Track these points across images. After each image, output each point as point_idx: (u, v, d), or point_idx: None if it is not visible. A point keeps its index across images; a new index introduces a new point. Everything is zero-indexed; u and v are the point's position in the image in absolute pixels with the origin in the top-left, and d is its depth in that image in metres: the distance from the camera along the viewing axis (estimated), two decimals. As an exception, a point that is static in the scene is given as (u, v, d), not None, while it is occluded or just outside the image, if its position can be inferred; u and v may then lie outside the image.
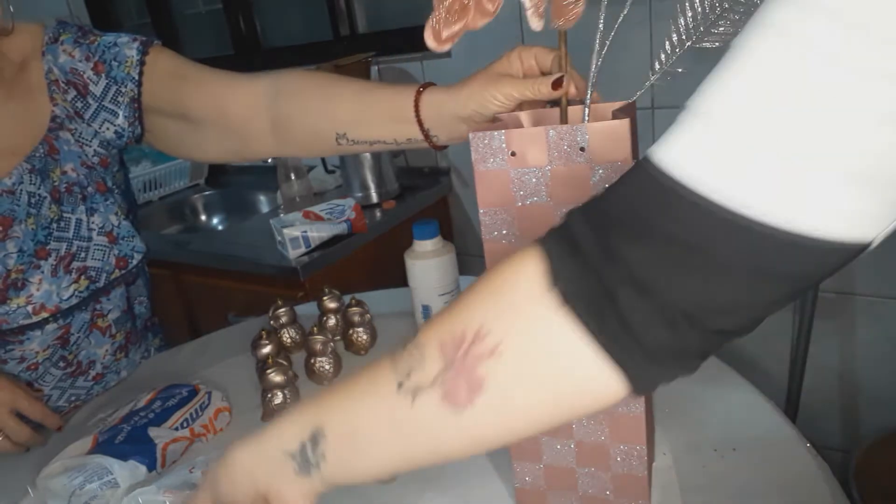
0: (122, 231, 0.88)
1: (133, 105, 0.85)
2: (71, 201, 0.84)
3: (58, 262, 0.83)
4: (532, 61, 0.60)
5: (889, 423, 1.40)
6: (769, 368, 1.52)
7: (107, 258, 0.86)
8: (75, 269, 0.84)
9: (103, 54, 0.84)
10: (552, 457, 0.59)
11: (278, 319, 0.98)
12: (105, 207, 0.87)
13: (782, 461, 0.63)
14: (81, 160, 0.85)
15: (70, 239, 0.84)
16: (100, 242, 0.86)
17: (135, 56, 0.84)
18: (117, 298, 0.92)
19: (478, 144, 0.50)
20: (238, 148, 0.84)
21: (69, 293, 0.84)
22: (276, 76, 0.79)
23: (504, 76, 0.60)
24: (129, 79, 0.84)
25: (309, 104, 0.74)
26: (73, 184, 0.84)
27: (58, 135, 0.84)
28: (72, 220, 0.84)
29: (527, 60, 0.60)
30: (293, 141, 0.78)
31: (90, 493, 0.68)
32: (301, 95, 0.75)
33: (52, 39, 0.83)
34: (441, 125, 0.65)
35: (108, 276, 0.87)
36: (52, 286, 0.82)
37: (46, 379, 0.89)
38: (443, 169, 1.78)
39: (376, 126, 0.69)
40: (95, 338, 0.91)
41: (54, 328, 0.85)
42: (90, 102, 0.84)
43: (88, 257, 0.85)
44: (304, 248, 1.37)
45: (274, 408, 0.81)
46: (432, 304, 0.83)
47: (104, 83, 0.84)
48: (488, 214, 0.52)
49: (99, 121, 0.85)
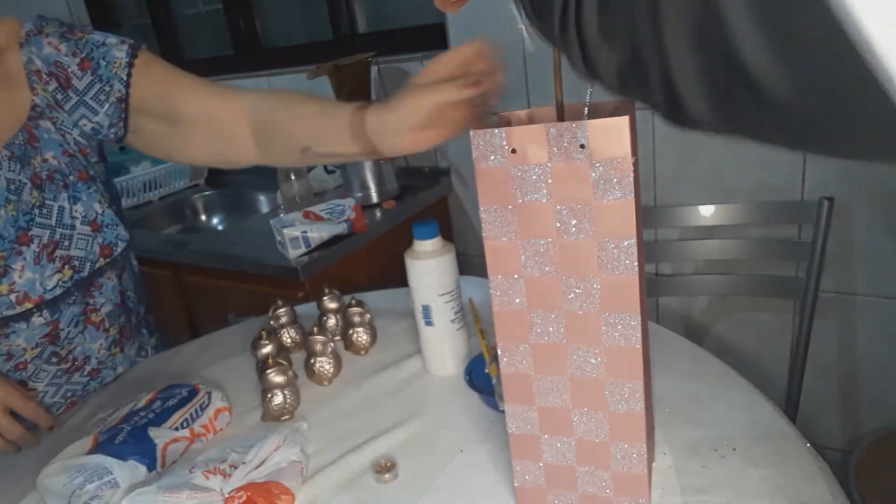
0: (105, 219, 0.89)
1: (120, 105, 0.86)
2: (53, 189, 0.85)
3: (41, 249, 0.84)
4: (444, 66, 0.64)
5: (889, 423, 1.40)
6: (769, 368, 1.52)
7: (90, 247, 0.88)
8: (59, 257, 0.85)
9: (91, 52, 0.85)
10: (552, 455, 0.59)
11: (278, 319, 0.98)
12: (88, 196, 0.88)
13: (782, 461, 0.63)
14: (63, 148, 0.87)
15: (53, 226, 0.85)
16: (83, 232, 0.87)
17: (124, 58, 0.86)
18: (109, 292, 0.93)
19: (478, 142, 0.50)
20: (222, 150, 0.87)
21: (53, 283, 0.84)
22: (258, 92, 0.86)
23: (419, 86, 0.64)
24: (116, 79, 0.85)
25: (282, 122, 0.80)
26: (55, 171, 0.86)
27: (38, 123, 0.85)
28: (54, 207, 0.85)
29: (440, 67, 0.64)
30: (272, 152, 0.84)
31: (90, 493, 0.68)
32: (276, 112, 0.81)
33: (35, 31, 0.84)
34: (384, 138, 0.69)
35: (93, 265, 0.88)
36: (36, 274, 0.83)
37: (40, 376, 0.90)
38: (443, 169, 1.78)
39: (336, 142, 0.74)
40: (90, 333, 0.92)
41: (41, 323, 0.86)
42: (71, 95, 0.86)
43: (72, 246, 0.86)
44: (304, 248, 1.37)
45: (274, 408, 0.81)
46: (432, 304, 0.83)
47: (89, 79, 0.85)
48: (488, 212, 0.52)
49: (77, 115, 0.87)
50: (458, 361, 0.86)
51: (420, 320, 0.85)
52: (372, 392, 0.86)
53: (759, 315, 1.50)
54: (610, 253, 0.50)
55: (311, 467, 0.72)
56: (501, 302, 0.55)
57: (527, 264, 0.52)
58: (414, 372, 0.89)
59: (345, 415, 0.82)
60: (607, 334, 0.52)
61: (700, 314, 1.57)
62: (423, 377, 0.88)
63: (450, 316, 0.84)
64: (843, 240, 1.32)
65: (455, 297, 0.84)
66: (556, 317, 0.53)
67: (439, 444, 0.73)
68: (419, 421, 0.78)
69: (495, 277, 0.54)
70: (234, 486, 0.64)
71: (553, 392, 0.56)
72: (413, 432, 0.76)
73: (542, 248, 0.51)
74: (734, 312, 1.53)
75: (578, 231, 0.50)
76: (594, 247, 0.50)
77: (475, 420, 0.76)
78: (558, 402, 0.56)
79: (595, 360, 0.53)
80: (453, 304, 0.84)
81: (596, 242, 0.50)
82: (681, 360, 0.81)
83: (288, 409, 0.82)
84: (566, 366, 0.54)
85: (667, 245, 1.37)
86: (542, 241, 0.51)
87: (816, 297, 1.18)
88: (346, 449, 0.74)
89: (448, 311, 0.84)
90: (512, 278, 0.53)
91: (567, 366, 0.54)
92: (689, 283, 1.37)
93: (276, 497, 0.64)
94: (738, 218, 1.29)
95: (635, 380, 0.53)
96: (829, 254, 1.18)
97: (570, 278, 0.51)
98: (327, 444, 0.76)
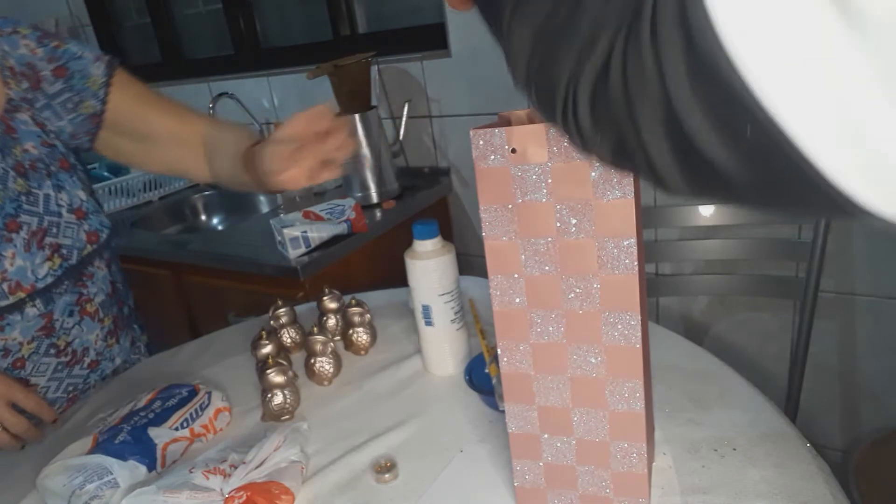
0: (89, 206, 0.92)
1: (93, 120, 0.90)
2: (37, 177, 0.86)
3: (30, 236, 0.85)
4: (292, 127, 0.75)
5: (889, 423, 1.40)
6: (769, 368, 1.52)
7: (77, 234, 0.90)
8: (48, 245, 0.86)
9: (68, 62, 0.87)
10: (552, 455, 0.59)
11: (278, 319, 0.98)
12: (71, 184, 0.90)
13: (782, 461, 0.63)
14: (42, 139, 0.88)
15: (41, 213, 0.86)
16: (69, 220, 0.89)
17: (101, 77, 0.89)
18: (100, 281, 0.94)
19: (478, 142, 0.50)
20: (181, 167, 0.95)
21: (44, 271, 0.85)
22: (205, 115, 0.97)
23: (273, 141, 0.77)
24: (91, 95, 0.89)
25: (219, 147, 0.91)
26: (37, 160, 0.87)
27: (14, 116, 0.86)
28: (40, 195, 0.86)
29: (288, 127, 0.76)
30: (217, 174, 0.93)
31: (90, 493, 0.68)
32: (214, 137, 0.92)
33: (9, 31, 0.85)
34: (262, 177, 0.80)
35: (80, 252, 0.90)
36: (27, 262, 0.84)
37: (40, 369, 0.90)
38: (443, 169, 1.78)
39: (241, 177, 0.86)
40: (86, 324, 0.93)
41: (35, 314, 0.86)
42: (39, 97, 0.87)
43: (60, 234, 0.88)
44: (304, 248, 1.37)
45: (274, 408, 0.81)
46: (432, 304, 0.83)
47: (60, 87, 0.87)
48: (489, 212, 0.52)
49: (44, 116, 0.88)
50: (458, 361, 0.86)
51: (420, 320, 0.85)
52: (372, 392, 0.86)
53: (759, 315, 1.50)
54: (610, 252, 0.50)
55: (311, 467, 0.72)
56: (501, 302, 0.55)
57: (527, 264, 0.52)
58: (414, 372, 0.89)
59: (345, 415, 0.82)
60: (607, 334, 0.52)
61: (700, 314, 1.57)
62: (422, 377, 0.88)
63: (450, 316, 0.84)
64: (843, 240, 1.32)
65: (455, 297, 0.84)
66: (556, 316, 0.53)
67: (439, 444, 0.73)
68: (419, 421, 0.78)
69: (495, 277, 0.54)
70: (234, 486, 0.64)
71: (553, 391, 0.56)
72: (413, 432, 0.76)
73: (542, 247, 0.51)
74: (734, 312, 1.53)
75: (578, 231, 0.50)
76: (594, 246, 0.50)
77: (475, 420, 0.76)
78: (558, 402, 0.56)
79: (595, 359, 0.53)
80: (453, 304, 0.84)
81: (596, 242, 0.50)
82: (681, 360, 0.81)
83: (288, 409, 0.82)
84: (566, 365, 0.54)
85: (667, 245, 1.37)
86: (542, 241, 0.51)
87: (816, 297, 1.18)
88: (346, 449, 0.74)
89: (448, 311, 0.84)
90: (512, 278, 0.53)
91: (567, 365, 0.54)
92: (689, 283, 1.37)
93: (276, 497, 0.64)
94: (738, 218, 1.29)
95: (635, 379, 0.53)
96: (829, 254, 1.18)
97: (570, 278, 0.51)
98: (327, 444, 0.76)
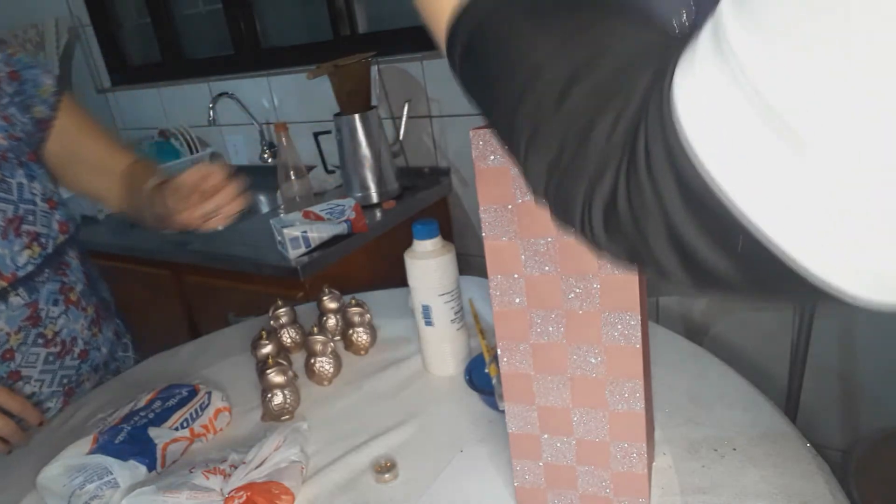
0: (59, 197, 0.94)
1: (41, 126, 0.92)
2: (9, 167, 0.87)
3: (6, 223, 0.85)
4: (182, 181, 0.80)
5: (889, 423, 1.40)
6: (769, 368, 1.52)
7: (51, 224, 0.91)
8: (25, 232, 0.87)
9: (21, 69, 0.90)
10: (552, 455, 0.59)
11: (278, 319, 0.99)
12: (42, 175, 0.92)
13: (782, 461, 0.63)
14: (8, 132, 0.88)
15: (15, 202, 0.87)
16: (43, 208, 0.90)
17: (52, 86, 0.93)
18: (77, 271, 0.96)
19: (478, 142, 0.50)
20: (101, 195, 0.99)
21: (24, 259, 0.87)
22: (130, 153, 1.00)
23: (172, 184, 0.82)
24: (43, 102, 0.92)
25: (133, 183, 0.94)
26: (6, 151, 0.87)
27: None
28: (13, 183, 0.87)
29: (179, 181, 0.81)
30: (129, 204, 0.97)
31: (90, 493, 0.68)
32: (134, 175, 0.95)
33: None
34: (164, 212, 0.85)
35: (55, 241, 0.92)
36: (5, 249, 0.85)
37: (30, 360, 0.90)
38: (443, 169, 1.78)
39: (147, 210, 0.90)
40: (72, 313, 0.94)
41: (20, 304, 0.87)
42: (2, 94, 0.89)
43: (36, 222, 0.89)
44: (304, 248, 1.37)
45: (274, 408, 0.81)
46: (432, 304, 0.83)
47: (16, 89, 0.90)
48: (489, 212, 0.52)
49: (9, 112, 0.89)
50: (458, 361, 0.86)
51: (420, 320, 0.85)
52: (372, 392, 0.86)
53: (759, 315, 1.50)
54: (610, 253, 0.50)
55: (311, 467, 0.72)
56: (501, 302, 0.55)
57: (527, 264, 0.52)
58: (414, 372, 0.89)
59: (345, 415, 0.82)
60: (607, 334, 0.52)
61: (700, 314, 1.57)
62: (423, 377, 0.88)
63: (450, 316, 0.84)
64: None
65: (455, 297, 0.84)
66: (556, 316, 0.53)
67: (439, 444, 0.73)
68: (419, 421, 0.78)
69: (495, 277, 0.54)
70: (234, 486, 0.64)
71: (553, 392, 0.56)
72: (413, 432, 0.76)
73: (541, 247, 0.51)
74: (734, 312, 1.53)
75: (578, 231, 0.50)
76: (594, 246, 0.50)
77: (475, 420, 0.76)
78: (558, 402, 0.56)
79: (595, 359, 0.53)
80: (453, 304, 0.84)
81: (596, 242, 0.50)
82: (681, 360, 0.81)
83: (288, 409, 0.82)
84: (566, 365, 0.54)
85: (667, 245, 1.37)
86: (541, 241, 0.51)
87: (816, 297, 1.18)
88: (346, 449, 0.74)
89: (448, 311, 0.84)
90: (512, 278, 0.53)
91: (567, 365, 0.54)
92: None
93: (276, 497, 0.64)
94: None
95: (635, 379, 0.53)
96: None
97: (570, 278, 0.51)
98: (327, 444, 0.76)
